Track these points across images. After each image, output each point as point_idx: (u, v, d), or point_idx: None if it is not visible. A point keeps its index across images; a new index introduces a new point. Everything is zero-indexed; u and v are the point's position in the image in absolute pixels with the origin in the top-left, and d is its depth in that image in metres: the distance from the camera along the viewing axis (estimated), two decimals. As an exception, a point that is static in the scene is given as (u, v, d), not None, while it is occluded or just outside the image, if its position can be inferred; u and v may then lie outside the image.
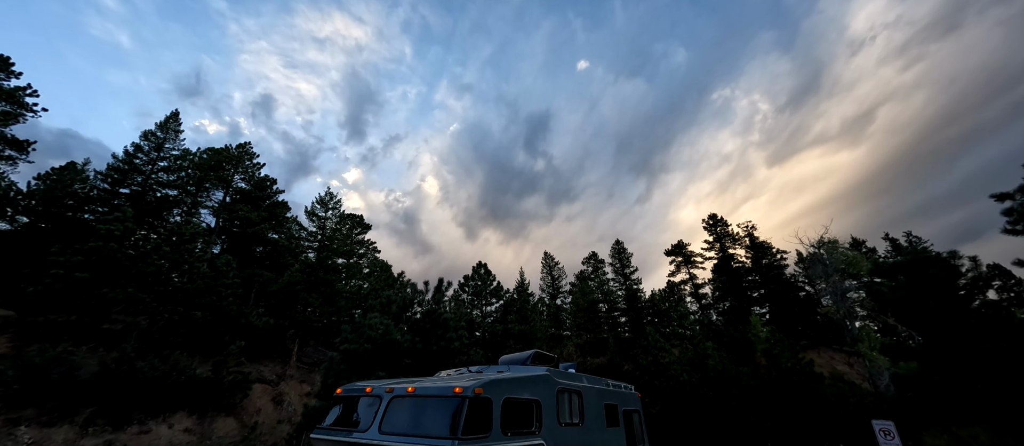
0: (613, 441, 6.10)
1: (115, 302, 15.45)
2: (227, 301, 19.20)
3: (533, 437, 4.20)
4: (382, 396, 4.10)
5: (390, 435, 3.66)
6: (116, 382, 13.18)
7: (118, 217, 16.93)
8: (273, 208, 33.52)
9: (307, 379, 20.71)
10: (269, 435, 15.36)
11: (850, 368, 31.31)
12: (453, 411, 3.49)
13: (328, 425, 4.31)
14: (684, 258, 45.85)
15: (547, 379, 4.82)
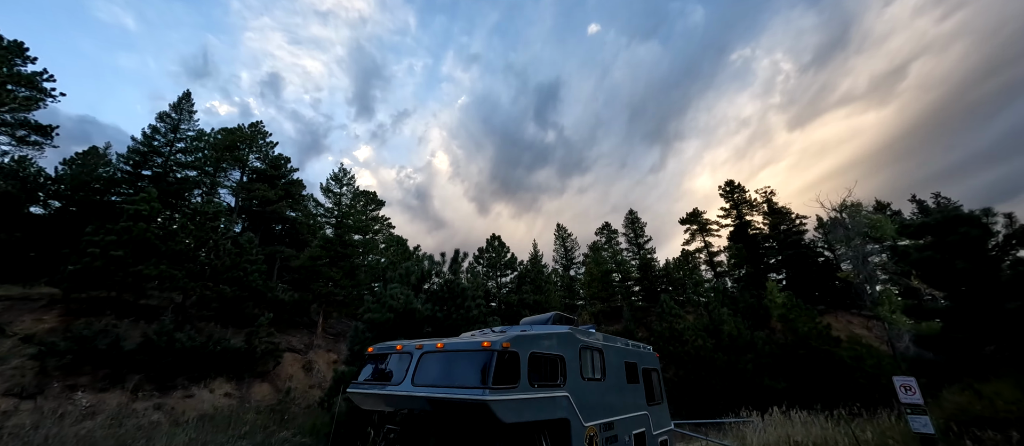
0: (633, 397, 6.28)
1: (149, 279, 16.24)
2: (253, 276, 19.97)
3: (558, 389, 4.35)
4: (412, 352, 4.28)
5: (423, 386, 3.85)
6: (158, 352, 14.07)
7: (144, 197, 17.49)
8: (289, 186, 34.11)
9: (333, 348, 21.70)
10: (302, 398, 16.33)
11: (868, 331, 31.12)
12: (483, 363, 3.62)
13: (363, 381, 4.55)
14: (699, 226, 45.25)
15: (570, 336, 4.94)
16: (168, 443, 10.46)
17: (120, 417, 11.93)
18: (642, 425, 6.25)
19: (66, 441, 10.02)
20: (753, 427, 10.01)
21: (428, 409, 3.80)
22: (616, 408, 5.59)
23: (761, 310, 31.25)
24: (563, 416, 4.33)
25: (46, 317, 15.29)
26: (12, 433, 10.07)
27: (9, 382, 11.71)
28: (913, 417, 7.40)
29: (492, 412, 3.39)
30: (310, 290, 23.36)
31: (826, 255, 39.79)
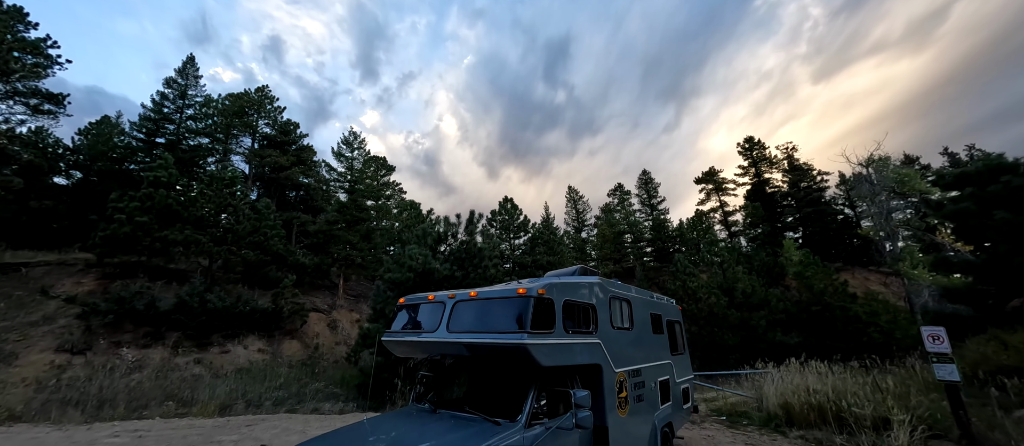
0: (658, 346, 6.36)
1: (175, 243, 16.75)
2: (273, 241, 20.46)
3: (590, 336, 4.38)
4: (445, 302, 4.31)
5: (458, 333, 3.89)
6: (192, 312, 14.77)
7: (161, 164, 17.67)
8: (300, 152, 34.06)
9: (355, 308, 22.52)
10: (329, 355, 17.19)
11: (885, 288, 30.84)
12: (520, 309, 3.62)
13: (397, 329, 4.65)
14: (715, 185, 44.24)
15: (601, 286, 4.91)
16: (211, 393, 11.20)
17: (164, 370, 12.77)
18: (666, 374, 6.36)
19: (118, 392, 10.79)
20: (770, 378, 10.17)
21: (465, 354, 3.88)
22: (643, 356, 5.66)
23: (776, 268, 31.09)
24: (595, 362, 4.39)
25: (84, 281, 16.05)
26: (69, 384, 10.88)
27: (60, 339, 12.52)
28: (939, 365, 7.38)
29: (531, 355, 3.42)
30: (329, 253, 23.93)
31: (846, 212, 38.83)
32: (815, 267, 25.18)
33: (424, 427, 3.61)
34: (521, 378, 4.09)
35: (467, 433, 3.38)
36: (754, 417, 9.38)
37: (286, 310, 17.55)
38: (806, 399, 8.46)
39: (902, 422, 6.97)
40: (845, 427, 7.62)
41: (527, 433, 3.51)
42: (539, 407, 3.80)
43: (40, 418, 8.72)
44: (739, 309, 23.68)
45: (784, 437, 8.00)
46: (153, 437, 7.48)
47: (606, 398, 4.41)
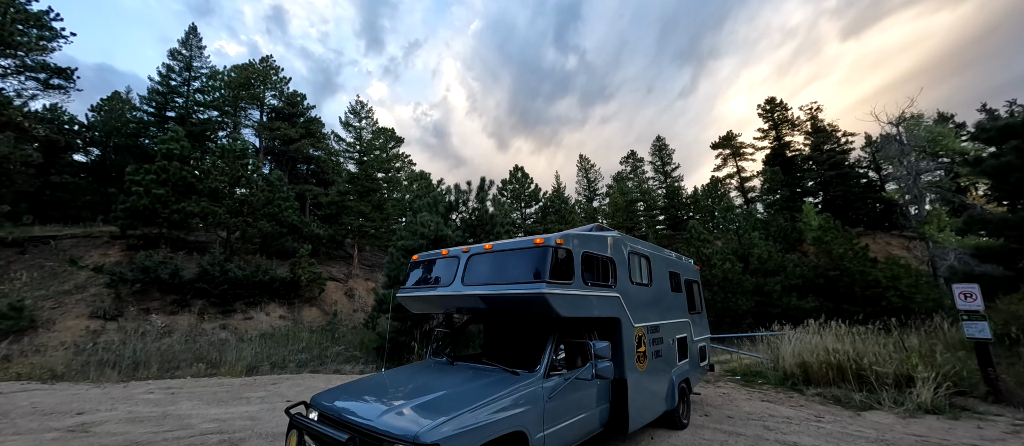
0: (677, 304, 6.24)
1: (193, 215, 17.06)
2: (287, 212, 20.70)
3: (609, 290, 4.25)
4: (459, 256, 4.20)
5: (474, 285, 3.80)
6: (214, 281, 15.22)
7: (173, 136, 17.73)
8: (309, 124, 33.84)
9: (370, 277, 22.97)
10: (348, 321, 17.70)
11: (907, 252, 29.97)
12: (537, 259, 3.48)
13: (411, 285, 4.60)
14: (732, 150, 42.78)
15: (620, 241, 4.74)
16: (238, 355, 11.67)
17: (193, 335, 13.33)
18: (684, 332, 6.27)
19: (151, 354, 11.32)
20: (786, 339, 10.05)
21: (482, 307, 3.81)
22: (661, 313, 5.56)
23: (794, 233, 30.40)
24: (614, 316, 4.29)
25: (110, 252, 16.60)
26: (105, 347, 11.45)
27: (93, 306, 13.09)
28: (970, 323, 7.13)
29: (549, 305, 3.31)
30: (342, 225, 24.19)
31: (870, 176, 37.30)
32: (835, 231, 24.49)
33: (442, 377, 3.60)
34: (539, 330, 4.02)
35: (485, 382, 3.35)
36: (769, 376, 9.36)
37: (304, 279, 17.97)
38: (825, 358, 8.35)
39: (926, 379, 6.83)
40: (865, 385, 7.53)
41: (546, 383, 3.47)
42: (558, 360, 3.74)
43: (79, 377, 9.23)
44: (754, 275, 23.39)
45: (801, 394, 7.97)
46: (185, 393, 7.84)
47: (625, 352, 4.33)
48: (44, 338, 11.41)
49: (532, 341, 4.09)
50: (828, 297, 22.59)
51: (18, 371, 9.26)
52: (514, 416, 3.06)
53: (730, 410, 6.75)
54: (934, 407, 6.44)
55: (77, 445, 5.02)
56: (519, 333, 4.30)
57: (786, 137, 38.63)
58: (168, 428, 5.77)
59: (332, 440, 2.60)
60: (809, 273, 24.59)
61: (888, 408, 6.66)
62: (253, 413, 6.58)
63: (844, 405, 7.09)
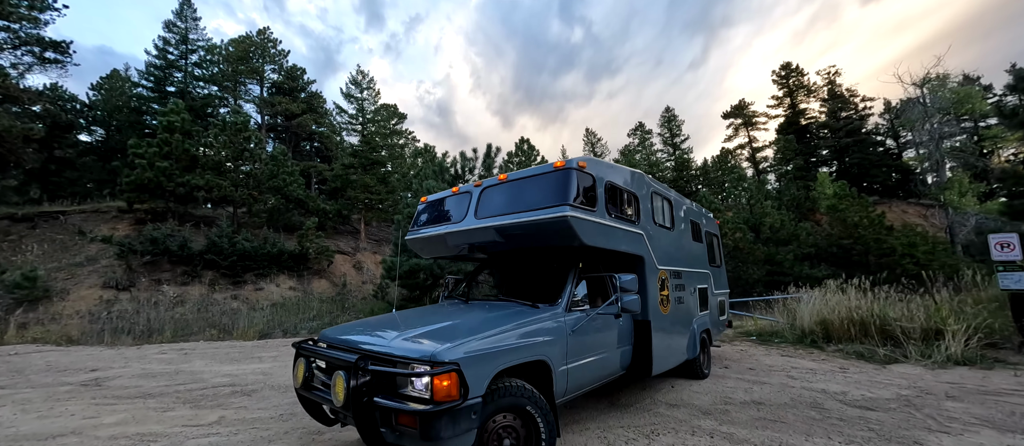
0: (698, 254, 5.97)
1: (198, 188, 16.95)
2: (292, 187, 20.54)
3: (633, 225, 3.97)
4: (471, 191, 3.93)
5: (489, 217, 3.53)
6: (222, 252, 15.23)
7: (173, 108, 17.42)
8: (310, 99, 33.31)
9: (377, 251, 22.96)
10: (357, 292, 17.77)
11: (924, 220, 29.26)
12: (558, 182, 3.19)
13: (421, 225, 4.35)
14: (744, 120, 41.51)
15: (642, 177, 4.43)
16: (250, 323, 11.73)
17: (205, 305, 13.43)
18: (705, 283, 6.03)
19: (164, 322, 11.40)
20: (804, 301, 9.79)
21: (497, 241, 3.55)
22: (684, 260, 5.29)
23: (807, 202, 29.73)
24: (638, 253, 4.02)
25: (119, 226, 16.64)
26: (119, 316, 11.55)
27: (105, 277, 13.18)
28: (1005, 274, 6.78)
29: (572, 230, 3.04)
30: (348, 199, 24.03)
31: (888, 143, 36.08)
32: (851, 199, 23.83)
33: (457, 312, 3.39)
34: (559, 266, 3.77)
35: (504, 313, 3.13)
36: (787, 335, 9.15)
37: (312, 251, 17.97)
38: (847, 315, 8.09)
39: (956, 331, 6.56)
40: (889, 340, 7.29)
41: (568, 317, 3.24)
42: (579, 298, 3.50)
43: (95, 342, 9.31)
44: (766, 244, 22.99)
45: (821, 351, 7.76)
46: (198, 354, 7.85)
47: (649, 293, 4.09)
48: (59, 307, 11.54)
49: (552, 278, 3.85)
50: (841, 266, 22.17)
51: (34, 336, 9.36)
52: (536, 345, 2.84)
53: (750, 363, 6.57)
54: (965, 359, 6.19)
55: (89, 396, 4.98)
56: (536, 274, 4.06)
57: (801, 104, 37.27)
58: (181, 382, 5.73)
59: (341, 363, 2.40)
60: (822, 242, 24.13)
61: (915, 361, 6.42)
62: (265, 369, 6.54)
63: (867, 360, 6.86)
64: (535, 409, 2.57)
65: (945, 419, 3.75)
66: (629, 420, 3.92)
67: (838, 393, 4.72)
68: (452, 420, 2.12)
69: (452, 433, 2.11)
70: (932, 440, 3.27)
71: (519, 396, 2.54)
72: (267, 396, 4.97)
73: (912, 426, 3.61)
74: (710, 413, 4.12)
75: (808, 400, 4.47)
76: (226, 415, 4.21)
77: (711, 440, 3.39)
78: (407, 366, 2.28)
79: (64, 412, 4.28)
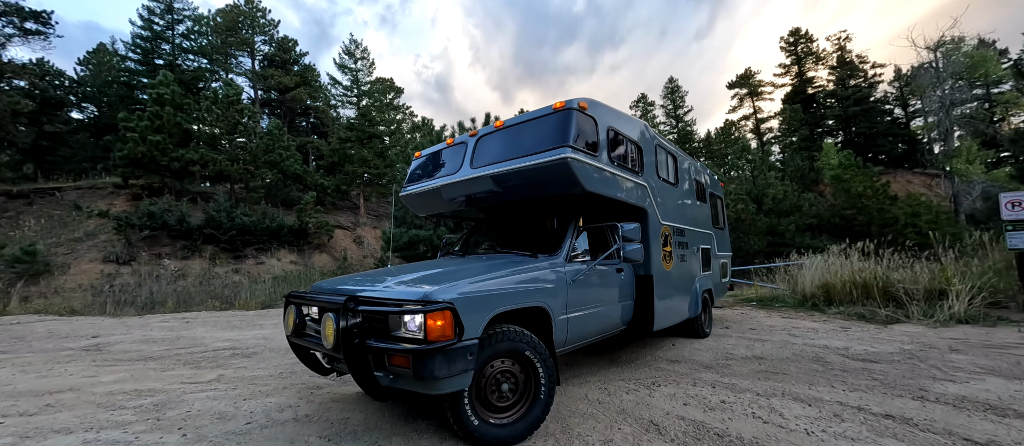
0: (701, 214, 5.83)
1: (193, 163, 16.68)
2: (289, 162, 20.24)
3: (637, 176, 3.80)
4: (467, 142, 3.75)
5: (485, 166, 3.37)
6: (221, 227, 15.15)
7: (162, 81, 16.92)
8: (304, 73, 32.43)
9: (377, 226, 22.90)
10: (358, 266, 17.81)
11: (928, 190, 28.99)
12: (558, 124, 3.01)
13: (414, 180, 4.19)
14: (750, 90, 40.49)
15: (647, 128, 4.23)
16: (251, 295, 11.77)
17: (206, 278, 13.46)
18: (708, 243, 5.92)
19: (166, 295, 11.45)
20: (806, 266, 9.73)
21: (494, 191, 3.41)
22: (687, 218, 5.16)
23: (811, 173, 29.37)
24: (641, 205, 3.88)
25: (115, 201, 16.51)
26: (121, 289, 11.60)
27: (105, 252, 13.16)
28: (1013, 234, 6.66)
29: (573, 174, 2.88)
30: (346, 174, 23.75)
31: (896, 112, 35.28)
32: (855, 169, 23.50)
33: (453, 262, 3.28)
34: (559, 218, 3.64)
35: (502, 261, 3.02)
36: (787, 300, 9.14)
37: (311, 226, 17.89)
38: (850, 278, 8.04)
39: (960, 291, 6.50)
40: (891, 301, 7.25)
41: (568, 267, 3.13)
42: (580, 250, 3.38)
43: (97, 312, 9.35)
44: (768, 215, 22.84)
45: (822, 313, 7.74)
46: (199, 322, 7.88)
47: (652, 247, 3.97)
48: (60, 281, 11.57)
49: (550, 235, 3.72)
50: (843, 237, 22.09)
51: (37, 308, 9.41)
52: (535, 291, 2.75)
53: (751, 325, 6.56)
54: (968, 317, 6.16)
55: (89, 359, 4.98)
56: (535, 228, 3.93)
57: (809, 72, 36.22)
58: (181, 346, 5.74)
59: (330, 305, 2.30)
60: (825, 212, 23.98)
61: (917, 321, 6.39)
62: (266, 335, 6.56)
63: (869, 320, 6.83)
64: (534, 355, 2.50)
65: (950, 369, 3.71)
66: (630, 374, 3.89)
67: (840, 348, 4.69)
68: (446, 360, 2.03)
69: (447, 372, 2.03)
70: (937, 388, 3.22)
71: (517, 341, 2.45)
72: (267, 358, 4.97)
73: (917, 376, 3.56)
74: (711, 367, 4.09)
75: (810, 355, 4.44)
76: (225, 374, 4.20)
77: (713, 390, 3.35)
78: (399, 307, 2.18)
79: (63, 372, 4.27)
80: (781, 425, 2.61)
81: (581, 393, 3.33)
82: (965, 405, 2.83)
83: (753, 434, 2.48)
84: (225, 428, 2.68)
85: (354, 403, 3.15)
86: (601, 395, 3.27)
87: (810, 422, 2.65)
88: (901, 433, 2.45)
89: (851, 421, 2.65)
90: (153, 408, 3.09)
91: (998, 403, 2.84)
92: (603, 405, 3.04)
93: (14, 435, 2.56)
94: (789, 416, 2.75)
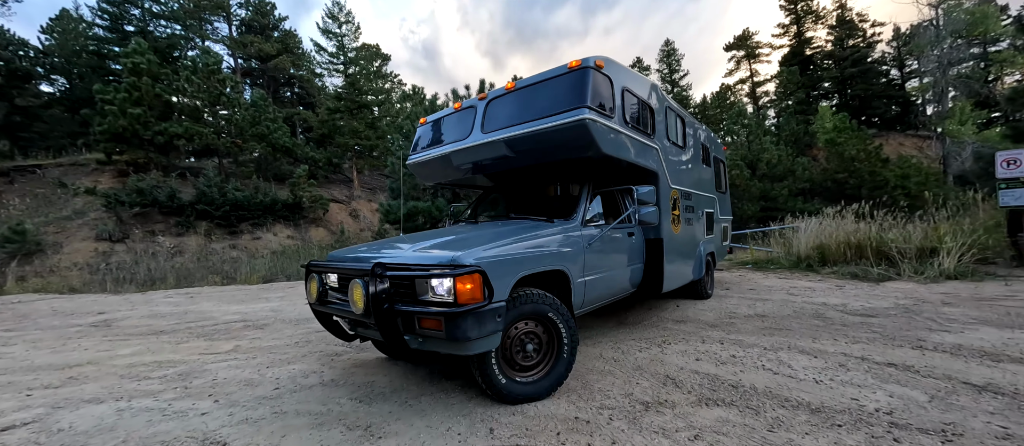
0: (706, 178, 5.85)
1: (177, 137, 16.11)
2: (277, 134, 19.62)
3: (649, 138, 3.76)
4: (476, 105, 3.64)
5: (497, 130, 3.29)
6: (213, 202, 14.88)
7: (136, 49, 15.99)
8: (285, 39, 30.88)
9: (372, 199, 22.67)
10: (356, 239, 17.78)
11: (919, 152, 29.29)
12: (575, 83, 2.92)
13: (422, 148, 4.10)
14: (747, 52, 39.65)
15: (658, 88, 4.12)
16: (252, 270, 11.74)
17: (204, 254, 13.36)
18: (712, 207, 5.97)
19: (165, 271, 11.37)
20: (801, 229, 9.92)
21: (507, 156, 3.35)
22: (694, 182, 5.17)
23: (805, 137, 29.39)
24: (652, 168, 3.86)
25: (100, 178, 16.02)
26: (118, 267, 11.48)
27: (96, 230, 12.91)
28: (1006, 191, 6.82)
29: (590, 136, 2.84)
30: (338, 146, 23.20)
31: (892, 73, 35.00)
32: (850, 132, 23.56)
33: (469, 229, 3.27)
34: (572, 183, 3.62)
35: (520, 226, 3.01)
36: (782, 262, 9.38)
37: (305, 200, 17.65)
38: (844, 239, 8.24)
39: (950, 249, 6.71)
40: (883, 260, 7.48)
41: (583, 231, 3.14)
42: (594, 214, 3.38)
43: (98, 290, 9.30)
44: (762, 180, 23.01)
45: (816, 273, 7.98)
46: (204, 297, 7.88)
47: (662, 211, 3.98)
48: (54, 260, 11.40)
49: (562, 201, 3.71)
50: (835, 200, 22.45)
51: (35, 287, 9.31)
52: (556, 255, 2.77)
53: (750, 286, 6.75)
54: (957, 273, 6.40)
55: (100, 334, 4.99)
56: (546, 195, 3.91)
57: (808, 33, 35.42)
58: (191, 320, 5.77)
59: (357, 272, 2.30)
60: (818, 176, 24.20)
61: (908, 278, 6.63)
62: (274, 307, 6.60)
63: (862, 279, 7.06)
64: (557, 316, 2.55)
65: (944, 321, 3.89)
66: (639, 334, 4.02)
67: (838, 305, 4.87)
68: (478, 321, 2.07)
69: (478, 333, 2.07)
70: (934, 338, 3.39)
71: (540, 303, 2.50)
72: (279, 329, 5.02)
73: (913, 327, 3.73)
74: (717, 326, 4.23)
75: (810, 312, 4.61)
76: (241, 344, 4.25)
77: (722, 346, 3.49)
78: (427, 271, 2.18)
79: (77, 347, 4.29)
80: (790, 376, 2.74)
81: (595, 352, 3.44)
82: (962, 352, 2.99)
83: (766, 384, 2.60)
84: (254, 393, 2.74)
85: (376, 367, 3.23)
86: (615, 354, 3.38)
87: (817, 372, 2.78)
88: (904, 379, 2.59)
89: (856, 370, 2.79)
90: (178, 377, 3.14)
91: (992, 350, 3.00)
92: (619, 363, 3.15)
93: (45, 406, 2.60)
94: (797, 367, 2.88)
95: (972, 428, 1.95)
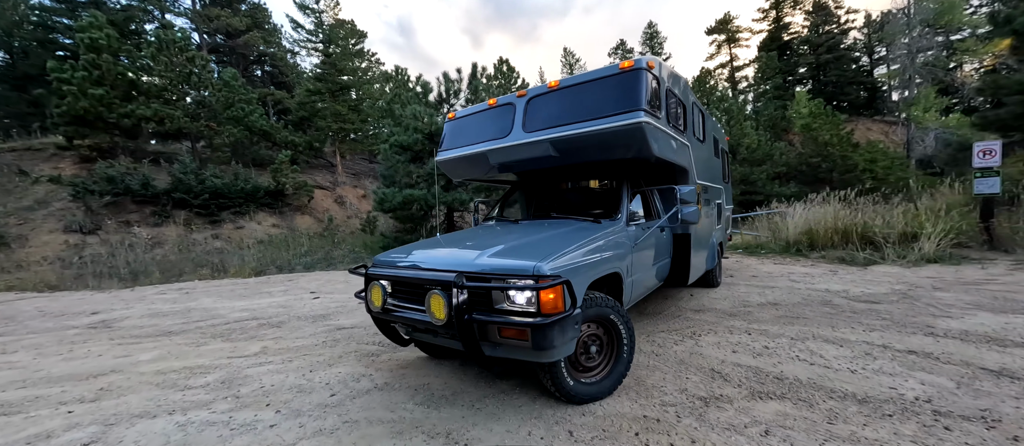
0: (717, 169, 6.03)
1: (146, 119, 15.01)
2: (253, 116, 18.57)
3: (683, 136, 3.82)
4: (514, 102, 3.58)
5: (540, 130, 3.26)
6: (191, 190, 14.09)
7: (92, 23, 14.61)
8: (254, 13, 28.93)
9: (358, 184, 22.04)
10: (343, 227, 17.33)
11: (885, 137, 30.89)
12: (629, 84, 2.92)
13: (453, 146, 4.01)
14: (728, 36, 40.16)
15: (686, 84, 4.16)
16: (241, 260, 11.32)
17: (185, 246, 12.74)
18: (721, 197, 6.16)
19: (147, 264, 10.80)
20: (790, 214, 10.38)
21: (551, 156, 3.33)
22: (710, 174, 5.32)
23: (783, 122, 30.39)
24: (684, 166, 3.94)
25: (61, 164, 14.84)
26: (93, 260, 10.81)
27: (64, 221, 12.05)
28: (981, 180, 7.34)
29: (646, 140, 2.86)
30: (319, 130, 22.23)
31: (862, 60, 36.40)
32: (824, 118, 24.53)
33: (516, 231, 3.26)
34: (608, 178, 3.66)
35: (571, 229, 3.04)
36: (772, 247, 9.84)
37: (288, 187, 16.96)
38: (832, 224, 8.70)
39: (930, 234, 7.23)
40: (868, 245, 7.97)
41: (628, 230, 3.20)
42: (635, 212, 3.45)
43: (78, 286, 8.76)
44: (742, 164, 23.79)
45: (806, 258, 8.43)
46: (200, 292, 7.58)
47: (691, 207, 4.09)
48: (21, 254, 10.60)
49: (597, 198, 3.75)
50: (809, 184, 23.54)
51: (9, 284, 8.67)
52: (611, 257, 2.82)
53: (751, 273, 7.07)
54: (936, 257, 6.91)
55: (104, 337, 4.75)
56: (580, 191, 3.93)
57: (786, 17, 36.17)
58: (197, 318, 5.55)
59: (435, 282, 2.28)
60: (793, 160, 25.20)
61: (891, 262, 7.10)
62: (280, 303, 6.43)
63: (849, 263, 7.53)
64: (618, 317, 2.63)
65: (943, 306, 4.23)
66: (666, 325, 4.17)
67: (841, 291, 5.20)
68: (561, 330, 2.11)
69: (562, 342, 2.12)
70: (941, 324, 3.69)
71: (604, 306, 2.56)
72: (298, 326, 4.92)
73: (918, 313, 4.05)
74: (735, 315, 4.44)
75: (817, 299, 4.90)
76: (267, 346, 4.15)
77: (749, 336, 3.68)
78: (504, 281, 2.19)
79: (89, 353, 4.07)
80: (826, 366, 2.94)
81: (633, 346, 3.56)
82: (970, 338, 3.29)
83: (807, 376, 2.78)
84: (313, 401, 2.71)
85: (423, 368, 3.24)
86: (652, 347, 3.51)
87: (849, 361, 3.00)
88: (928, 366, 2.83)
89: (882, 358, 3.02)
90: (222, 385, 3.05)
91: (996, 335, 3.31)
92: (660, 357, 3.29)
93: (95, 423, 2.49)
94: (829, 357, 3.09)
95: (1006, 414, 2.18)
